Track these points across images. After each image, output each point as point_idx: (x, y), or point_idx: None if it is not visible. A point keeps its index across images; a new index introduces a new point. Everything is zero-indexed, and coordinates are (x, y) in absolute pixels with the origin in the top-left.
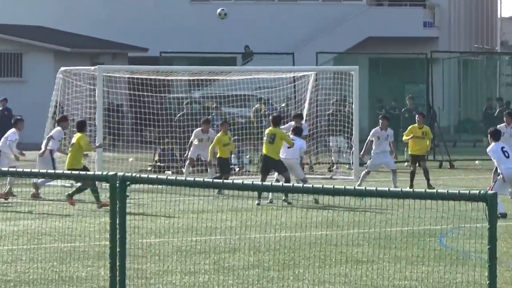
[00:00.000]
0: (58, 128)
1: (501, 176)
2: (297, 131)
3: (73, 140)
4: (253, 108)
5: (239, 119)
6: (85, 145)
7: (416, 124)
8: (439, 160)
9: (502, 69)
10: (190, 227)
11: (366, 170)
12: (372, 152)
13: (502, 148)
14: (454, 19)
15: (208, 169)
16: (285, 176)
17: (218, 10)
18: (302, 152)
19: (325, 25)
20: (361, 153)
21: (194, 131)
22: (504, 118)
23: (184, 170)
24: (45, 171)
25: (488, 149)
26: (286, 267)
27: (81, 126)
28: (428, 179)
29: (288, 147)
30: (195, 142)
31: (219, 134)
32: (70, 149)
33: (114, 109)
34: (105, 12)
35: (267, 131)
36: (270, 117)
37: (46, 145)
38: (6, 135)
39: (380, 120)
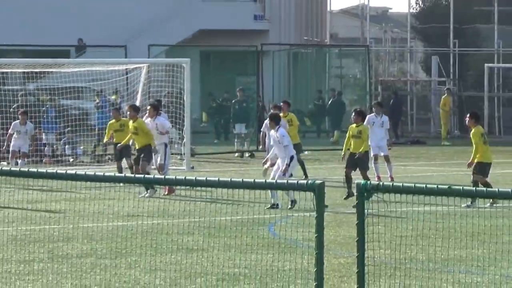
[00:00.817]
0: None
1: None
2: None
3: None
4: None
5: (73, 110)
6: None
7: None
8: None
9: (332, 61)
10: (25, 217)
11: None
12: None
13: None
14: (285, 12)
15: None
16: None
17: None
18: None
19: (157, 18)
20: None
21: (12, 124)
22: (373, 108)
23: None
24: None
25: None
26: (119, 255)
27: None
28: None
29: None
30: (15, 135)
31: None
32: None
33: None
34: None
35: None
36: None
37: None
38: None
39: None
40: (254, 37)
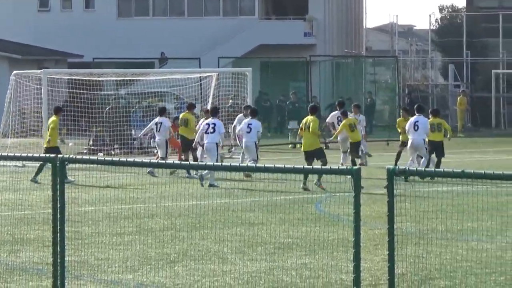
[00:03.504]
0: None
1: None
2: (254, 113)
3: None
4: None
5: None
6: None
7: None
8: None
9: (367, 69)
10: (117, 198)
11: None
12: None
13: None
14: (329, 30)
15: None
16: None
17: None
18: (259, 134)
19: (225, 35)
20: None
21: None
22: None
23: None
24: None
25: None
26: (194, 228)
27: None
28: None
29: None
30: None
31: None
32: None
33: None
34: (48, 26)
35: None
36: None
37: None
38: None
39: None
40: (303, 50)
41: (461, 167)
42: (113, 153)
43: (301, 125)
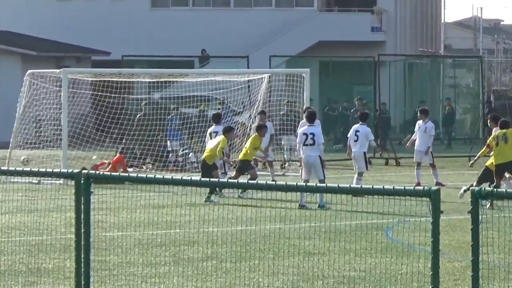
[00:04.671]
0: None
1: None
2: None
3: None
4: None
5: (196, 118)
6: None
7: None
8: (386, 157)
9: (446, 71)
10: (150, 221)
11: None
12: None
13: None
14: (400, 24)
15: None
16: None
17: None
18: (372, 143)
19: (278, 30)
20: None
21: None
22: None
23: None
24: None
25: None
26: (241, 258)
27: None
28: None
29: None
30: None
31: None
32: None
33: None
34: (69, 18)
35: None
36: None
37: None
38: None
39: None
40: (371, 48)
41: None
42: (144, 168)
43: (490, 139)
